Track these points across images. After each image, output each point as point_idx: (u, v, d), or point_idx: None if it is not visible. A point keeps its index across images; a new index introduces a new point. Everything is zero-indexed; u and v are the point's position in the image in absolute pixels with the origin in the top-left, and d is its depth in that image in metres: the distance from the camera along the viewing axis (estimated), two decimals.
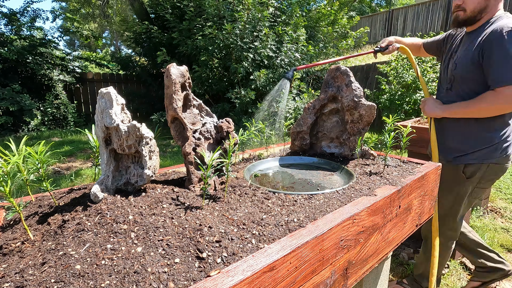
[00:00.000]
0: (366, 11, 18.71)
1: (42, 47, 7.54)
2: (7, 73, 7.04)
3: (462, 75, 1.52)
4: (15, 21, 7.52)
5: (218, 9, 5.88)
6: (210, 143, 1.14)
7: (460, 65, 1.53)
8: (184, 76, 1.03)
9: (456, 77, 1.55)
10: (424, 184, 1.26)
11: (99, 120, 0.89)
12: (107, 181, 0.90)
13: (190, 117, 1.09)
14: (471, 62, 1.47)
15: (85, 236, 0.70)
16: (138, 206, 0.83)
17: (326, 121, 1.58)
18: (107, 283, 0.57)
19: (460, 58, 1.54)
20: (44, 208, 0.87)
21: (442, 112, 1.59)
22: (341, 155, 1.51)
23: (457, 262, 2.26)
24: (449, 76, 1.61)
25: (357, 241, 0.90)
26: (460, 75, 1.53)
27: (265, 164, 1.41)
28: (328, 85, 1.50)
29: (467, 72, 1.49)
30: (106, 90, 0.88)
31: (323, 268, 0.78)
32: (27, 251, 0.68)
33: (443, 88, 1.69)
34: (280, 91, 1.61)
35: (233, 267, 0.61)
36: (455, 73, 1.55)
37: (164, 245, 0.68)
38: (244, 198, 0.96)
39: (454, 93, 1.59)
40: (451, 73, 1.58)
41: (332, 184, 1.18)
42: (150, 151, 0.90)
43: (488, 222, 2.86)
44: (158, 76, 8.80)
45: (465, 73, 1.50)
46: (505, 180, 3.93)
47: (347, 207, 0.90)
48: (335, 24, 7.45)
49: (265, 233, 0.75)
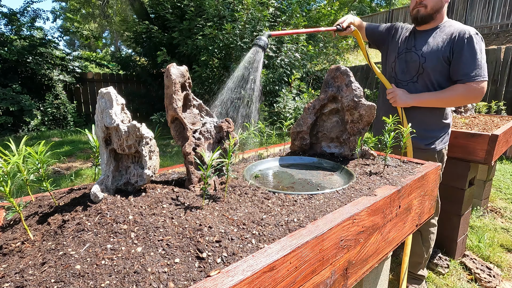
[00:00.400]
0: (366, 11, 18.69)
1: (42, 47, 7.54)
2: (7, 73, 7.03)
3: (433, 68, 1.68)
4: (15, 21, 7.52)
5: (218, 9, 5.88)
6: (210, 143, 1.14)
7: (430, 59, 1.68)
8: (184, 76, 1.03)
9: (426, 69, 1.70)
10: (424, 184, 1.26)
11: (99, 120, 0.89)
12: (107, 181, 0.90)
13: (190, 117, 1.09)
14: (442, 56, 1.65)
15: (85, 236, 0.70)
16: (138, 206, 0.83)
17: (326, 121, 1.58)
18: (107, 283, 0.57)
19: (428, 53, 1.69)
20: (44, 208, 0.87)
21: (413, 101, 1.72)
22: (341, 155, 1.51)
23: (457, 262, 2.26)
24: (414, 68, 1.74)
25: (357, 241, 0.90)
26: (431, 68, 1.68)
27: (265, 164, 1.41)
28: (328, 85, 1.50)
29: (437, 66, 1.67)
30: (106, 90, 0.88)
31: (323, 268, 0.78)
32: (27, 251, 0.68)
33: (402, 80, 1.80)
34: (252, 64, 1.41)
35: (233, 267, 0.61)
36: (425, 66, 1.70)
37: (164, 245, 0.68)
38: (244, 198, 0.96)
39: (420, 85, 1.75)
40: (419, 66, 1.71)
41: (332, 184, 1.18)
42: (150, 151, 0.90)
43: (488, 222, 2.86)
44: (158, 76, 8.81)
45: (436, 66, 1.67)
46: (505, 180, 3.93)
47: (347, 207, 0.90)
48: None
49: (265, 233, 0.75)
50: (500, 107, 3.86)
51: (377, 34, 2.00)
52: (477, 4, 9.56)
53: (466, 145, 2.05)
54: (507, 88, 5.53)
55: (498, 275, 2.11)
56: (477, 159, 2.03)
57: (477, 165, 2.20)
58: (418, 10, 1.72)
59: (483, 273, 2.11)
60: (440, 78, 1.70)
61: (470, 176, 2.17)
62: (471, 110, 3.12)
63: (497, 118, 2.85)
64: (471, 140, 2.02)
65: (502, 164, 4.61)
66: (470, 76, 1.60)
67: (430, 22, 1.74)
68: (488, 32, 9.44)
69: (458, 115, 2.99)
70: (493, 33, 9.28)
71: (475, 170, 2.22)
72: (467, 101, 1.68)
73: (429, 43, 1.71)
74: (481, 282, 2.05)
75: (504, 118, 2.83)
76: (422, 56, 1.71)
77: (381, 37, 1.98)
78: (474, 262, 2.22)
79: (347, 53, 8.31)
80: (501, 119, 2.78)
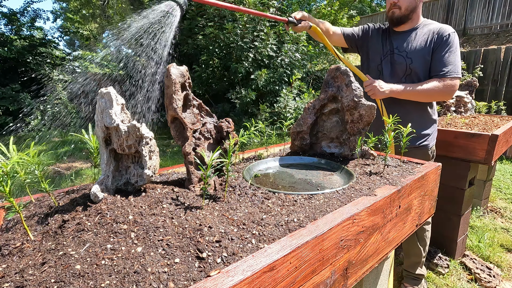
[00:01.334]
0: (366, 11, 18.68)
1: (42, 47, 7.54)
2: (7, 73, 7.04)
3: (421, 68, 1.73)
4: (15, 21, 7.52)
5: (218, 8, 5.88)
6: (210, 143, 1.14)
7: (416, 59, 1.72)
8: (184, 76, 1.03)
9: (414, 70, 1.74)
10: (424, 184, 1.26)
11: (99, 120, 0.89)
12: (107, 181, 0.90)
13: (190, 117, 1.09)
14: (427, 56, 1.70)
15: (85, 236, 0.70)
16: (138, 206, 0.83)
17: (326, 121, 1.58)
18: (107, 283, 0.57)
19: (412, 53, 1.73)
20: (44, 208, 0.87)
21: (390, 92, 1.72)
22: (341, 155, 1.51)
23: (457, 262, 2.26)
24: (401, 70, 1.77)
25: (357, 241, 0.90)
26: (420, 68, 1.73)
27: (265, 164, 1.41)
28: (328, 85, 1.50)
29: (423, 65, 1.72)
30: (106, 90, 0.88)
31: (323, 268, 0.78)
32: (27, 251, 0.68)
33: (391, 83, 1.78)
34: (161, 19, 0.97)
35: (233, 267, 0.61)
36: (412, 67, 1.74)
37: (164, 245, 0.68)
38: (244, 198, 0.96)
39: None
40: (406, 67, 1.75)
41: (332, 184, 1.18)
42: (150, 151, 0.90)
43: (488, 222, 2.86)
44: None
45: (422, 66, 1.72)
46: (505, 180, 3.93)
47: (347, 207, 0.90)
48: (336, 24, 7.44)
49: (265, 233, 0.75)
50: (500, 107, 3.86)
51: (355, 36, 1.98)
52: (477, 4, 9.56)
53: (466, 145, 2.05)
54: (507, 88, 5.53)
55: (498, 275, 2.11)
56: (477, 159, 2.03)
57: (477, 165, 2.20)
58: (393, 12, 1.75)
59: (483, 273, 2.10)
60: (424, 77, 1.74)
61: (470, 176, 2.17)
62: (471, 110, 3.12)
63: (497, 118, 2.84)
64: (471, 140, 2.02)
65: (502, 164, 4.61)
66: (445, 72, 1.66)
67: (407, 22, 1.77)
68: (488, 32, 9.44)
69: (458, 115, 2.99)
70: (493, 33, 9.27)
71: (475, 170, 2.22)
72: (440, 96, 1.71)
73: (412, 43, 1.74)
74: (481, 282, 2.05)
75: (504, 118, 2.83)
76: (407, 57, 1.74)
77: (360, 39, 1.97)
78: (474, 262, 2.22)
79: (347, 53, 8.29)
80: (501, 119, 2.77)
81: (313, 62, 6.86)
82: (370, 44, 1.92)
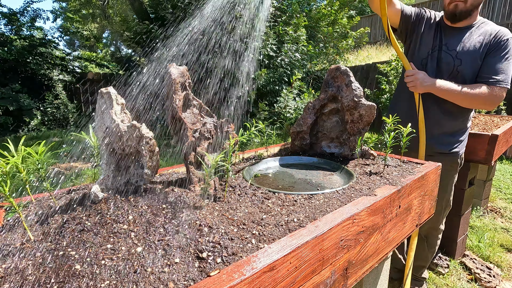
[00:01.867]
0: (367, 11, 18.68)
1: (42, 47, 7.55)
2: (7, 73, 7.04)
3: (470, 71, 1.56)
4: (15, 21, 7.52)
5: None
6: (210, 143, 1.14)
7: (466, 62, 1.55)
8: (184, 76, 1.03)
9: (461, 72, 1.57)
10: (424, 184, 1.26)
11: (99, 120, 0.89)
12: (107, 181, 0.90)
13: (190, 117, 1.09)
14: (479, 60, 1.53)
15: (85, 236, 0.70)
16: (138, 206, 0.83)
17: (326, 121, 1.58)
18: (107, 283, 0.57)
19: (463, 54, 1.55)
20: (44, 208, 0.87)
21: (433, 88, 1.55)
22: (341, 155, 1.51)
23: (457, 262, 2.26)
24: (447, 70, 1.60)
25: (357, 241, 0.90)
26: (468, 71, 1.56)
27: (265, 164, 1.41)
28: (328, 85, 1.50)
29: (473, 69, 1.55)
30: (106, 90, 0.88)
31: (323, 268, 0.78)
32: (27, 251, 0.68)
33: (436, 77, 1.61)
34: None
35: (233, 267, 0.61)
36: (460, 69, 1.56)
37: (164, 245, 0.68)
38: (244, 198, 0.96)
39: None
40: (453, 68, 1.58)
41: (332, 184, 1.18)
42: (150, 151, 0.90)
43: (488, 222, 2.86)
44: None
45: (471, 69, 1.56)
46: (505, 180, 3.93)
47: (347, 207, 0.90)
48: (335, 24, 7.45)
49: (265, 233, 0.75)
50: (500, 107, 3.86)
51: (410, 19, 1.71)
52: None
53: (466, 145, 2.05)
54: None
55: (498, 275, 2.11)
56: (477, 159, 2.03)
57: (477, 165, 2.20)
58: (457, 5, 1.52)
59: (483, 273, 2.10)
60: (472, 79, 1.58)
61: (470, 176, 2.17)
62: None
63: (497, 118, 2.85)
64: (471, 140, 2.02)
65: (502, 164, 4.61)
66: (495, 80, 1.49)
67: (466, 19, 1.57)
68: None
69: None
70: None
71: (475, 170, 2.22)
72: (483, 104, 1.55)
73: (465, 44, 1.56)
74: (481, 282, 2.05)
75: (504, 118, 2.83)
76: (456, 57, 1.56)
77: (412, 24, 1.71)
78: (474, 262, 2.22)
79: (347, 53, 8.30)
80: (501, 119, 2.78)
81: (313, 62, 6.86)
82: (421, 34, 1.68)
